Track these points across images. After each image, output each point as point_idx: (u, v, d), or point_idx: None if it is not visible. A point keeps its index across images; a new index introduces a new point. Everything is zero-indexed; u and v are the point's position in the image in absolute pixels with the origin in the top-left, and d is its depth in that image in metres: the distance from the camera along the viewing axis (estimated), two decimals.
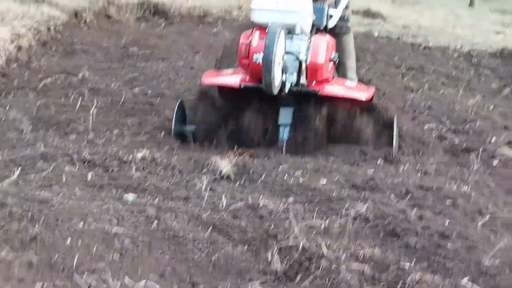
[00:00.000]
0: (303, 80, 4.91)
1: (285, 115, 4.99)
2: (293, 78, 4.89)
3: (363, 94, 5.04)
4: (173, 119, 5.13)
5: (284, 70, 4.75)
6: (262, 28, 4.78)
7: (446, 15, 16.13)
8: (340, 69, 5.88)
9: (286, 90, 4.83)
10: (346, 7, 5.65)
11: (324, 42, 4.99)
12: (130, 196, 3.79)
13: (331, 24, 5.32)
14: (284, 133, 4.97)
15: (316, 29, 5.17)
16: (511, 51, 10.13)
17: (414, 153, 5.09)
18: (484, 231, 3.63)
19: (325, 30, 5.24)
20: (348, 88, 5.26)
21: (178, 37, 9.23)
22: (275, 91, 4.67)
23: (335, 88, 5.09)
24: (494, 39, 11.93)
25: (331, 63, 5.09)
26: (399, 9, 15.41)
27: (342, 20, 5.81)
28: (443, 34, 11.59)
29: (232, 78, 5.08)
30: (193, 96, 6.00)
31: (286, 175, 4.30)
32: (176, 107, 5.19)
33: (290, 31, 4.89)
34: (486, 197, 4.25)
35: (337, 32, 5.81)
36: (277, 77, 4.64)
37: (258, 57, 4.58)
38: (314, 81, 4.98)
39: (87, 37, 8.61)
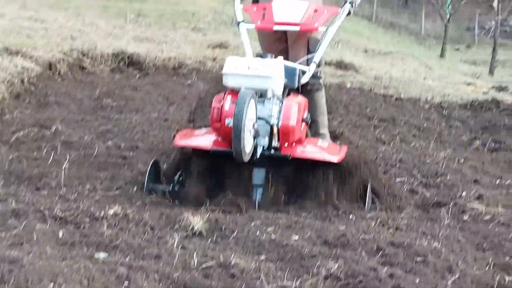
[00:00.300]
0: (275, 143, 4.94)
1: (259, 176, 4.99)
2: (265, 142, 4.92)
3: (334, 156, 5.06)
4: (146, 180, 5.13)
5: (255, 135, 4.77)
6: (235, 91, 4.81)
7: (417, 66, 16.41)
8: (312, 125, 5.91)
9: (258, 154, 4.87)
10: (319, 65, 5.72)
11: (296, 104, 5.02)
12: (101, 254, 3.78)
13: (304, 80, 5.35)
14: (258, 194, 4.96)
15: (289, 89, 5.19)
16: (481, 103, 10.30)
17: (386, 208, 5.13)
18: None
19: (298, 89, 5.26)
20: (320, 149, 5.28)
21: (152, 89, 9.28)
22: (246, 159, 4.69)
23: (306, 151, 5.12)
24: (465, 90, 12.13)
25: (304, 123, 5.13)
26: (371, 60, 15.64)
27: (315, 77, 5.87)
28: (415, 86, 11.76)
29: (205, 140, 5.09)
30: (167, 149, 6.04)
31: (258, 231, 4.31)
32: (149, 166, 5.18)
33: (262, 95, 4.94)
34: (456, 253, 4.28)
35: (309, 89, 5.87)
36: (247, 145, 4.66)
37: (230, 121, 4.61)
38: (287, 143, 4.99)
39: (61, 88, 8.62)
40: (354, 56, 16.78)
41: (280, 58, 5.06)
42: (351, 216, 4.83)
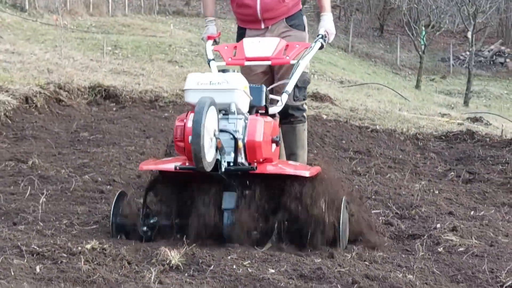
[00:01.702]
0: (241, 159, 4.81)
1: (228, 200, 4.87)
2: (230, 157, 4.79)
3: (305, 171, 4.94)
4: (111, 214, 4.96)
5: (220, 150, 4.66)
6: None
7: (392, 98, 16.55)
8: (291, 159, 5.91)
9: (223, 169, 4.73)
10: (304, 98, 5.80)
11: (262, 121, 4.92)
12: None
13: (277, 110, 5.30)
14: (228, 219, 4.83)
15: (258, 112, 5.12)
16: (456, 134, 10.41)
17: (362, 241, 5.16)
18: None
19: (266, 112, 5.19)
20: (290, 165, 5.22)
21: (129, 122, 9.32)
22: (207, 168, 4.53)
23: (275, 167, 4.99)
24: (440, 121, 12.25)
25: (274, 144, 5.01)
26: (347, 92, 15.76)
27: (299, 109, 5.93)
28: (390, 117, 11.87)
29: (169, 163, 4.99)
30: (144, 183, 6.05)
31: (235, 265, 4.34)
32: (114, 200, 5.03)
33: (226, 112, 4.83)
34: (431, 285, 4.32)
35: (291, 121, 5.91)
36: (208, 153, 4.51)
37: None
38: (255, 161, 4.88)
39: (38, 122, 8.65)
40: (329, 87, 16.94)
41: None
42: (327, 249, 4.84)
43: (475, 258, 4.95)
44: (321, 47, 5.70)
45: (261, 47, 5.54)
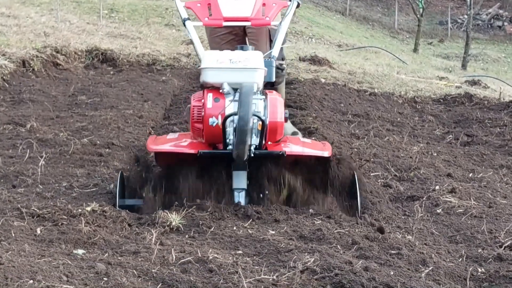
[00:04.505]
0: (263, 141, 4.63)
1: (239, 179, 4.68)
2: (256, 140, 4.58)
3: (325, 151, 4.88)
4: (117, 196, 4.74)
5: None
6: (215, 89, 4.57)
7: (390, 61, 16.49)
8: None
9: (252, 154, 4.54)
10: (283, 58, 5.69)
11: (281, 99, 4.79)
12: (80, 251, 3.82)
13: None
14: (240, 198, 4.69)
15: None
16: (454, 97, 10.39)
17: (362, 202, 5.17)
18: (428, 282, 3.72)
19: (272, 85, 5.02)
20: (309, 145, 5.07)
21: (127, 85, 9.29)
22: (246, 157, 4.39)
23: (297, 148, 4.89)
24: (438, 84, 12.23)
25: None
26: (345, 55, 15.69)
27: (278, 69, 5.80)
28: (388, 80, 11.83)
29: (185, 144, 4.80)
30: (143, 146, 6.06)
31: (235, 226, 4.35)
32: (118, 181, 4.80)
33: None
34: (430, 246, 4.35)
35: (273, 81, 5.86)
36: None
37: (215, 121, 4.30)
38: (271, 141, 4.75)
39: (35, 85, 8.62)
40: (327, 51, 16.88)
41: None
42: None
43: (473, 219, 4.96)
44: (298, 6, 5.34)
45: (238, 5, 5.21)
